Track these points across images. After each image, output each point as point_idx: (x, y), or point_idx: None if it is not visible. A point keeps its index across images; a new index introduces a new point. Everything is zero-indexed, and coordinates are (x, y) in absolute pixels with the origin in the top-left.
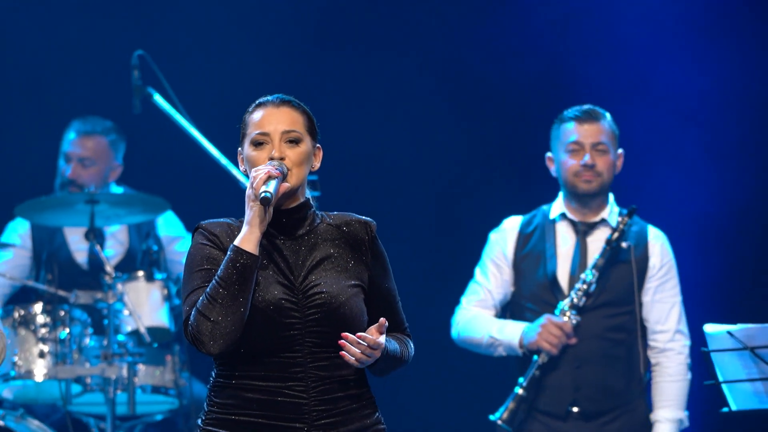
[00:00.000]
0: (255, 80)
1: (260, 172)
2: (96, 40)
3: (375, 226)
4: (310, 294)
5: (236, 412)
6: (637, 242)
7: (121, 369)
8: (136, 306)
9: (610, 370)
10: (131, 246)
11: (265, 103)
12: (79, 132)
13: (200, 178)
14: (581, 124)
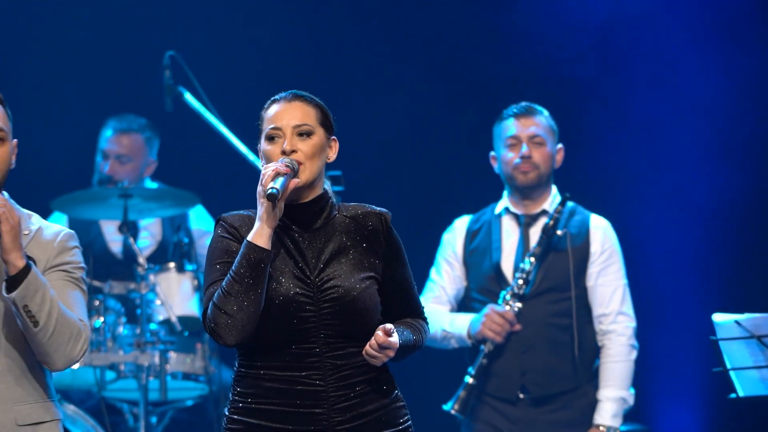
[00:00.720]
0: (281, 78)
1: (268, 169)
2: (130, 41)
3: (390, 216)
4: (324, 288)
5: (258, 400)
6: (579, 230)
7: (153, 356)
8: (168, 296)
9: (555, 355)
10: (164, 238)
11: (279, 99)
12: (115, 130)
13: (228, 173)
14: (518, 120)
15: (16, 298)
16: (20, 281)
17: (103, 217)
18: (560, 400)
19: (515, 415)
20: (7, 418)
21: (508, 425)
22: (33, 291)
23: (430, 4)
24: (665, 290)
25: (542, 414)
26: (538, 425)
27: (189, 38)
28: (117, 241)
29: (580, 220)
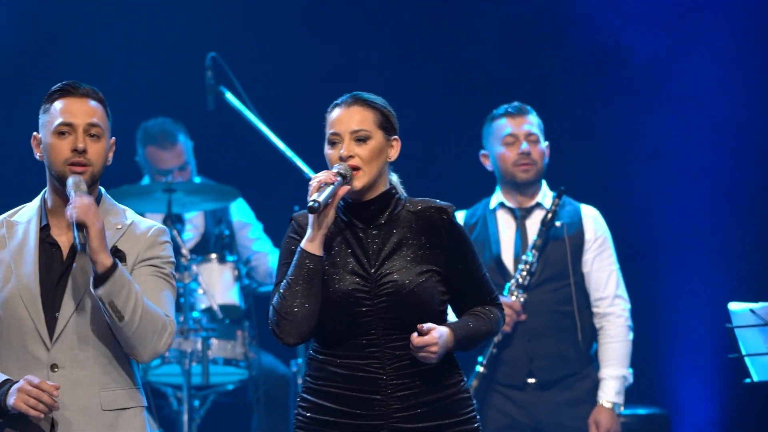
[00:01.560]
0: (316, 78)
1: (314, 181)
2: (174, 44)
3: (452, 210)
4: (381, 282)
5: (324, 383)
6: (572, 220)
7: (196, 343)
8: (210, 285)
9: (559, 340)
10: (206, 230)
11: (339, 103)
12: (164, 147)
13: (267, 168)
14: (513, 118)
15: (103, 295)
16: (107, 278)
17: (149, 211)
18: (565, 383)
19: (523, 399)
20: (93, 402)
21: (516, 410)
22: (119, 288)
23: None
24: (683, 280)
25: (549, 397)
26: (545, 408)
27: (230, 40)
28: None
29: (571, 210)
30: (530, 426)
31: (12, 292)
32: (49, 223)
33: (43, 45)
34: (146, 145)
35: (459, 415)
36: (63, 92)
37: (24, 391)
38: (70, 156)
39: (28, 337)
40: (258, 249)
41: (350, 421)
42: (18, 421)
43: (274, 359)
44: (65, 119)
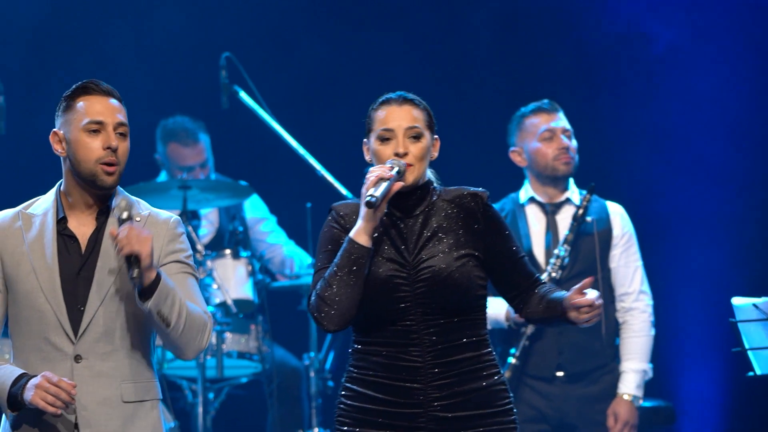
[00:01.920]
0: (327, 77)
1: (372, 175)
2: (189, 44)
3: (486, 195)
4: (419, 269)
5: (366, 372)
6: (599, 216)
7: (210, 337)
8: (224, 280)
9: (585, 333)
10: (220, 226)
11: (389, 101)
12: (186, 144)
13: (280, 164)
14: (549, 115)
15: (151, 306)
16: (153, 290)
17: (165, 207)
18: (591, 376)
19: (551, 392)
20: (115, 394)
21: (544, 402)
22: (164, 296)
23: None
24: (688, 275)
25: (575, 390)
26: (571, 401)
27: (244, 41)
28: None
29: (599, 207)
30: (557, 419)
31: (32, 285)
32: (66, 215)
33: (59, 44)
34: (168, 142)
35: (496, 406)
36: (86, 90)
37: (42, 387)
38: (103, 155)
39: (50, 329)
40: (272, 242)
41: (390, 410)
42: (39, 412)
43: (287, 353)
44: (96, 117)
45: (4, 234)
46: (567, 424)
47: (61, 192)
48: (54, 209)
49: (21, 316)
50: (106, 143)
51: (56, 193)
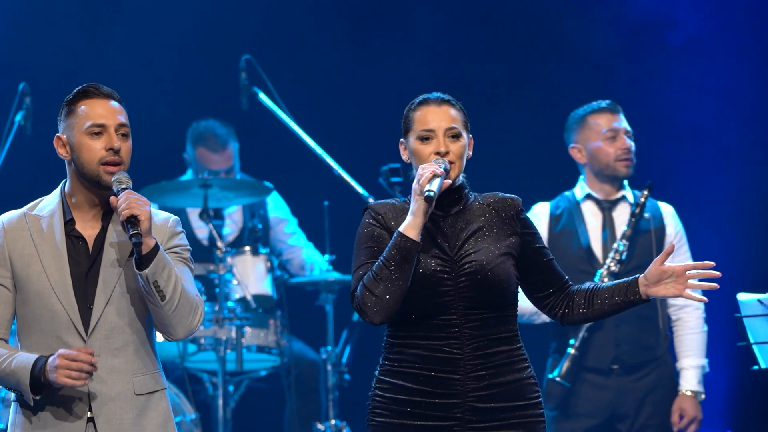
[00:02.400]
0: (343, 79)
1: (426, 171)
2: (211, 46)
3: (520, 201)
4: (462, 263)
5: (404, 364)
6: (653, 215)
7: (230, 331)
8: (244, 276)
9: (642, 327)
10: (244, 225)
11: (428, 101)
12: (214, 150)
13: (299, 164)
14: (612, 115)
15: (148, 274)
16: (151, 259)
17: (186, 205)
18: (645, 369)
19: (607, 383)
20: (127, 387)
21: (599, 395)
22: (161, 267)
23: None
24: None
25: (630, 382)
26: (626, 393)
27: (263, 44)
28: (202, 228)
29: (652, 206)
30: (611, 410)
31: (44, 285)
32: (73, 217)
33: (86, 45)
34: (197, 146)
35: (527, 398)
36: (86, 94)
37: (64, 366)
38: (105, 155)
39: (63, 328)
40: (293, 243)
41: (428, 400)
42: (56, 405)
43: (305, 346)
44: (97, 120)
45: (13, 236)
46: (621, 414)
47: (66, 194)
48: (60, 211)
49: (32, 316)
50: (108, 144)
51: (61, 195)
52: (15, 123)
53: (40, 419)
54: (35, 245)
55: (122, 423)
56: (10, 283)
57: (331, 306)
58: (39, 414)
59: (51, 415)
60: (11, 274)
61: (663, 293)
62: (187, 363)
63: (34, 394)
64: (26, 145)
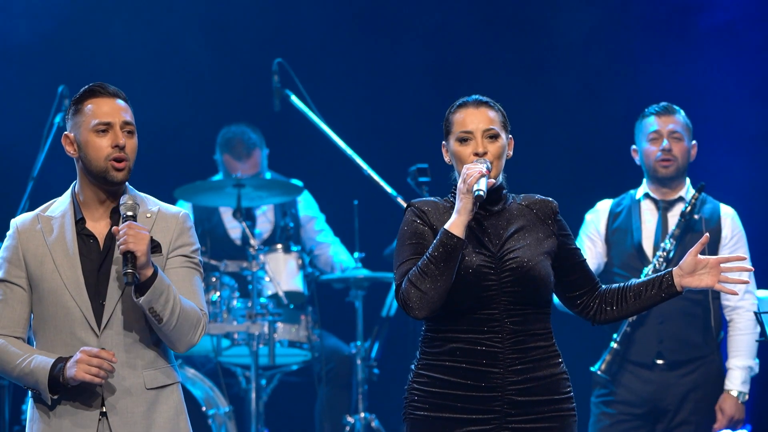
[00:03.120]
0: (372, 83)
1: (473, 171)
2: (244, 50)
3: (557, 204)
4: (505, 260)
5: (444, 358)
6: (711, 216)
7: (263, 326)
8: (276, 273)
9: (688, 325)
10: (276, 223)
11: (466, 104)
12: (239, 158)
13: (329, 164)
14: (659, 117)
15: (143, 303)
16: (148, 287)
17: (220, 204)
18: (689, 366)
19: (650, 377)
20: (138, 382)
21: (642, 387)
22: (158, 294)
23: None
24: None
25: (674, 377)
26: (669, 388)
27: (294, 47)
28: (234, 227)
29: (711, 207)
30: (652, 404)
31: (57, 283)
32: (84, 216)
33: (124, 48)
34: (223, 152)
35: (561, 393)
36: (93, 93)
37: (84, 361)
38: (111, 152)
39: (77, 324)
40: (322, 240)
41: (468, 393)
42: (70, 400)
43: (338, 341)
44: (104, 119)
45: (26, 236)
46: (662, 409)
47: (75, 193)
48: (71, 211)
49: (47, 313)
50: (114, 141)
51: (71, 195)
52: (54, 124)
53: (56, 413)
54: (47, 245)
55: (133, 416)
56: (26, 283)
57: (360, 302)
58: (55, 408)
59: (66, 409)
60: (26, 273)
61: (696, 284)
62: (221, 357)
63: (52, 394)
64: None
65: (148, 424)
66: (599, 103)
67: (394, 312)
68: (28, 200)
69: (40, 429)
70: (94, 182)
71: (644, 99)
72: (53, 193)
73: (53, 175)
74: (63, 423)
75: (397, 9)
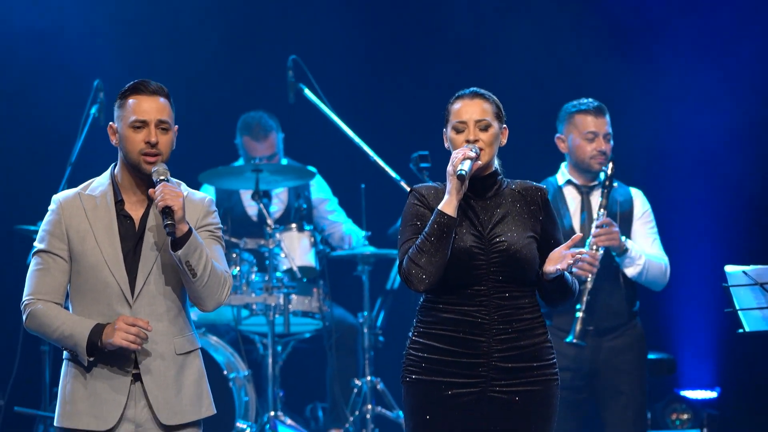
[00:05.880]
0: (378, 77)
1: (458, 154)
2: (261, 47)
3: (547, 191)
4: (494, 242)
5: (435, 326)
6: (624, 198)
7: (278, 298)
8: (290, 250)
9: (610, 296)
10: (289, 204)
11: (462, 96)
12: (257, 139)
13: (340, 151)
14: (597, 118)
15: (181, 255)
16: (184, 242)
17: (240, 188)
18: (615, 332)
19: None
20: (169, 349)
21: (579, 352)
22: (193, 249)
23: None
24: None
25: (603, 342)
26: (600, 351)
27: (307, 44)
28: (252, 207)
29: (623, 191)
30: (588, 365)
31: (98, 259)
32: (123, 198)
33: (150, 46)
34: (243, 134)
35: (544, 359)
36: (136, 90)
37: (122, 329)
38: (144, 147)
39: (114, 297)
40: (334, 219)
41: (456, 359)
42: (105, 362)
43: (345, 312)
44: (141, 117)
45: (69, 212)
46: (595, 369)
47: (115, 176)
48: (111, 191)
49: (86, 286)
50: (147, 138)
51: (111, 176)
52: (90, 115)
53: (91, 374)
54: (89, 222)
55: (166, 379)
56: (67, 255)
57: (367, 276)
58: (91, 370)
59: (101, 371)
60: (68, 247)
61: (550, 269)
62: (241, 326)
63: (89, 355)
64: (100, 135)
65: (178, 387)
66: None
67: (397, 285)
68: (66, 184)
69: (74, 388)
70: (131, 171)
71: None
72: (88, 177)
73: (89, 160)
74: (97, 383)
75: (401, 6)
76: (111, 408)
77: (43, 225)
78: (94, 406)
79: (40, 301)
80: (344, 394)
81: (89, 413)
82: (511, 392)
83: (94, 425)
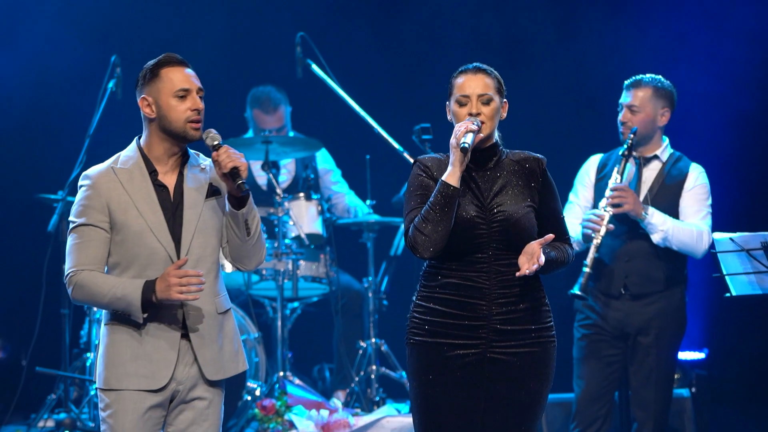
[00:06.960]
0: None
1: (461, 127)
2: (270, 24)
3: (545, 161)
4: (494, 212)
5: (438, 291)
6: (679, 172)
7: (287, 264)
8: (298, 218)
9: (648, 263)
10: (296, 174)
11: (466, 70)
12: (267, 112)
13: (345, 124)
14: (627, 90)
15: (244, 213)
16: (246, 201)
17: (250, 159)
18: (651, 298)
19: (617, 305)
20: (211, 308)
21: (612, 314)
22: (250, 208)
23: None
24: None
25: (637, 306)
26: (633, 315)
27: (315, 20)
28: (262, 177)
29: (681, 164)
30: (620, 328)
31: (142, 227)
32: (156, 169)
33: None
34: (253, 107)
35: (542, 322)
36: (168, 62)
37: (176, 283)
38: (190, 115)
39: (161, 263)
40: (338, 190)
41: (458, 322)
42: (155, 324)
43: (351, 277)
44: (184, 86)
45: (107, 186)
46: (627, 332)
47: (143, 147)
48: (143, 163)
49: (131, 254)
50: (193, 106)
51: (137, 149)
52: (107, 90)
53: (140, 335)
54: (128, 194)
55: (210, 336)
56: (108, 227)
57: (371, 243)
58: (140, 331)
59: (151, 331)
60: (109, 219)
61: (519, 261)
62: (252, 290)
63: (144, 312)
64: (117, 108)
65: (220, 344)
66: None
67: (401, 252)
68: (85, 154)
69: (119, 351)
70: (168, 140)
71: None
72: (106, 148)
73: (106, 132)
74: (146, 344)
75: None
76: (162, 366)
77: (79, 200)
78: (145, 366)
79: (84, 271)
80: (350, 355)
81: (139, 374)
82: (510, 353)
83: (145, 384)
